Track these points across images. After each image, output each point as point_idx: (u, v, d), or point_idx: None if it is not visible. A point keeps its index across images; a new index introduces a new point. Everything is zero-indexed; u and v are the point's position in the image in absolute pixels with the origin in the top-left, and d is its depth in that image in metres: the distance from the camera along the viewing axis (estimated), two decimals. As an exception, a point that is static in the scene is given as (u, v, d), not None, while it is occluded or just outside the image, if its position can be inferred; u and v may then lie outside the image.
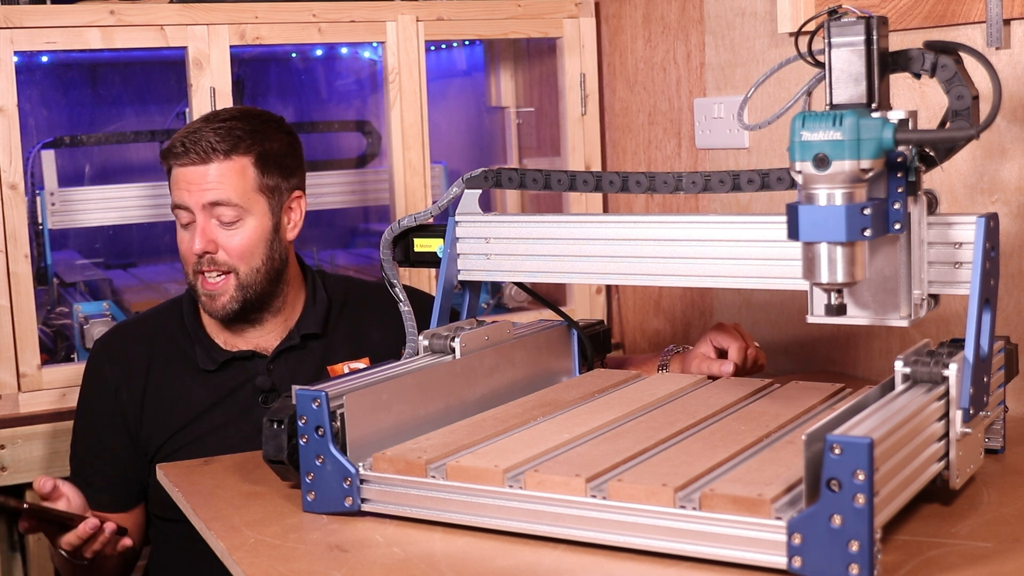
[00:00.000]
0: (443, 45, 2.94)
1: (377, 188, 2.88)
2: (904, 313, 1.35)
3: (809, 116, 1.23)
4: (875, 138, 1.22)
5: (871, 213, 1.23)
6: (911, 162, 1.30)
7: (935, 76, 1.33)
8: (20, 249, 2.19)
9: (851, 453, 1.03)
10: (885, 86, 1.31)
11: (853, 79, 1.29)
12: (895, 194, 1.30)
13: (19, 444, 2.18)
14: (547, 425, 1.42)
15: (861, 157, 1.22)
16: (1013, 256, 1.73)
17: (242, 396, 1.86)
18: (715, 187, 1.45)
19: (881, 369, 1.97)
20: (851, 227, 1.22)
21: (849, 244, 1.24)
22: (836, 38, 1.29)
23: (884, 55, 1.30)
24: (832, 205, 1.23)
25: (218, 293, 1.82)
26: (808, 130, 1.23)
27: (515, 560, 1.18)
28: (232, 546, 1.26)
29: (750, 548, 1.10)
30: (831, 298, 1.29)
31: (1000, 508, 1.27)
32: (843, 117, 1.22)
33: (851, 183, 1.23)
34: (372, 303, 1.98)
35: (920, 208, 1.34)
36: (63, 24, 2.21)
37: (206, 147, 1.80)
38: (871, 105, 1.29)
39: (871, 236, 1.23)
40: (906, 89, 1.87)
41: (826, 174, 1.22)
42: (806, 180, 1.24)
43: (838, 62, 1.29)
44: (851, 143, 1.22)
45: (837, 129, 1.22)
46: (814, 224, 1.24)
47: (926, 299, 1.36)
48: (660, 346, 2.53)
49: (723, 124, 2.26)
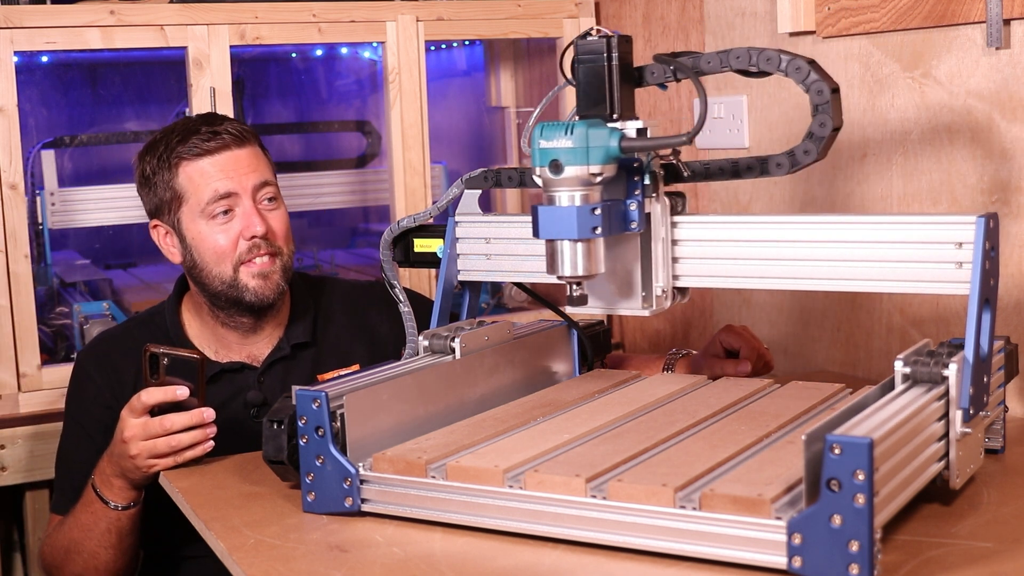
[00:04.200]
0: (443, 45, 2.94)
1: (377, 188, 2.88)
2: (641, 304, 1.50)
3: (546, 126, 1.37)
4: (603, 146, 1.37)
5: (601, 213, 1.38)
6: (647, 167, 1.45)
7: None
8: (20, 249, 2.19)
9: (851, 453, 1.03)
10: (628, 98, 1.44)
11: (596, 92, 1.42)
12: (632, 196, 1.45)
13: (19, 444, 2.18)
14: (547, 425, 1.42)
15: (590, 163, 1.36)
16: (1013, 256, 1.73)
17: (233, 410, 1.82)
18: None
19: (881, 369, 1.97)
20: (582, 226, 1.37)
21: (585, 241, 1.38)
22: (582, 55, 1.43)
23: (627, 70, 1.44)
24: (566, 206, 1.37)
25: (270, 272, 1.79)
26: (545, 139, 1.37)
27: (515, 560, 1.18)
28: (232, 546, 1.26)
29: (750, 548, 1.10)
30: (572, 290, 1.44)
31: (1000, 508, 1.27)
32: (574, 127, 1.36)
33: (584, 186, 1.37)
34: (362, 299, 1.97)
35: (662, 208, 1.48)
36: (63, 24, 2.21)
37: (236, 131, 1.79)
38: (613, 116, 1.42)
39: (602, 234, 1.38)
40: (906, 89, 1.88)
41: (561, 178, 1.37)
42: (545, 183, 1.38)
43: (584, 76, 1.43)
44: (581, 150, 1.36)
45: (569, 138, 1.36)
46: (551, 223, 1.38)
47: (670, 291, 1.51)
48: (660, 346, 2.53)
49: (723, 124, 2.26)
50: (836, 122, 1.37)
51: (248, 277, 1.79)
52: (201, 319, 1.87)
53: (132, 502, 1.68)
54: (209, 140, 1.78)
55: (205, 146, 1.78)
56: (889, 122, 1.92)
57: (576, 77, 1.44)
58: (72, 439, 1.85)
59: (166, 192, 1.81)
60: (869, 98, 1.95)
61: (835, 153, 2.02)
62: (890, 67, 1.91)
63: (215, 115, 1.87)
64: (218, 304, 1.83)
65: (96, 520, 1.70)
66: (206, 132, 1.78)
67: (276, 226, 1.81)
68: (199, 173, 1.78)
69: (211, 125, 1.80)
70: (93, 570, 1.75)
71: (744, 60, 1.42)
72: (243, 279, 1.79)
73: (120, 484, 1.66)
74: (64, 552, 1.76)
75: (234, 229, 1.78)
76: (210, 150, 1.78)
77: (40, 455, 2.18)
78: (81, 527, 1.72)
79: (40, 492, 2.26)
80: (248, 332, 1.86)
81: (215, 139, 1.78)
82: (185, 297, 1.90)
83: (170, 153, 1.79)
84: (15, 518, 2.40)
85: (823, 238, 1.42)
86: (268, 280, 1.79)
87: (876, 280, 1.39)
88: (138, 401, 1.58)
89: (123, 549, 1.74)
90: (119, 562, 1.75)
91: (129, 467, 1.61)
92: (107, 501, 1.68)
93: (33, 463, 2.19)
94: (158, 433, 1.57)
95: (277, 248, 1.80)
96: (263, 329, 1.87)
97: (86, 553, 1.73)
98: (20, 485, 2.24)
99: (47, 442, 2.14)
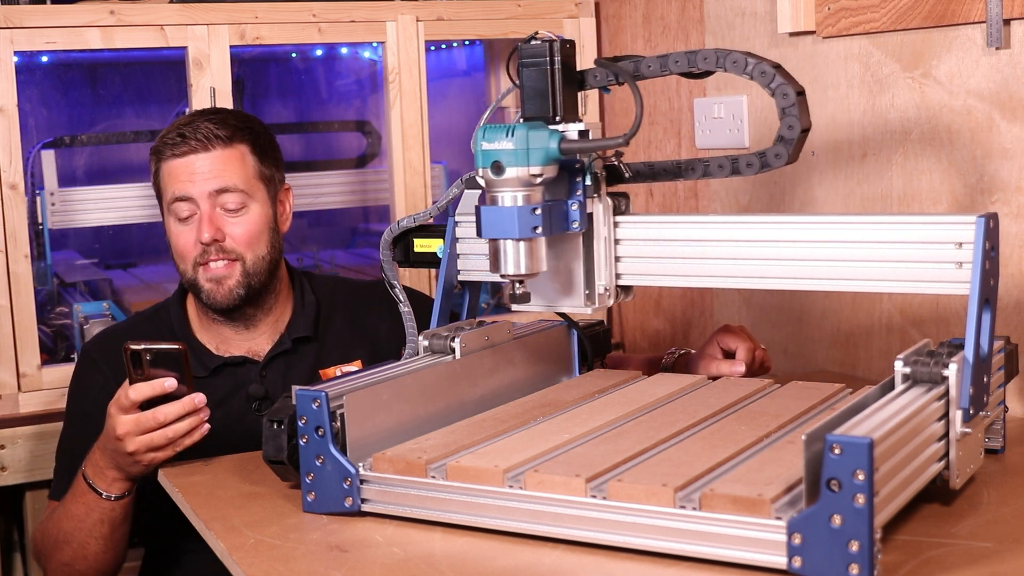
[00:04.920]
0: (443, 45, 2.94)
1: (377, 188, 2.88)
2: (584, 302, 1.54)
3: (488, 128, 1.40)
4: (543, 148, 1.39)
5: (542, 213, 1.41)
6: (589, 168, 1.48)
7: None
8: (20, 249, 2.19)
9: (851, 453, 1.03)
10: (571, 100, 1.47)
11: (540, 95, 1.45)
12: (573, 196, 1.48)
13: (19, 444, 2.18)
14: (547, 425, 1.42)
15: (531, 164, 1.39)
16: (1013, 256, 1.73)
17: (235, 404, 1.84)
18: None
19: (881, 369, 1.97)
20: (523, 225, 1.40)
21: (526, 240, 1.41)
22: (525, 59, 1.46)
23: (570, 73, 1.46)
24: (506, 206, 1.40)
25: (224, 276, 1.81)
26: (487, 140, 1.40)
27: (515, 560, 1.18)
28: (232, 546, 1.26)
29: (750, 548, 1.10)
30: (514, 287, 1.45)
31: (1000, 508, 1.27)
32: (515, 129, 1.38)
33: (525, 187, 1.40)
34: (364, 299, 1.97)
35: (605, 208, 1.51)
36: (63, 24, 2.21)
37: (207, 134, 1.80)
38: (555, 118, 1.45)
39: (543, 233, 1.41)
40: (906, 89, 1.88)
41: (502, 179, 1.39)
42: (487, 184, 1.41)
43: (527, 80, 1.46)
44: (522, 152, 1.38)
45: (510, 139, 1.38)
46: (493, 223, 1.41)
47: (613, 290, 1.54)
48: (660, 346, 2.53)
49: (723, 124, 2.26)
50: (804, 124, 1.40)
51: (203, 279, 1.82)
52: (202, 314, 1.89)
53: (125, 492, 1.68)
54: (176, 144, 1.81)
55: (172, 149, 1.81)
56: (889, 122, 1.92)
57: (520, 80, 1.47)
58: (77, 427, 1.86)
59: (156, 186, 1.87)
60: (869, 98, 1.95)
61: (835, 153, 2.02)
62: (890, 67, 1.91)
63: (202, 112, 1.89)
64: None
65: (88, 511, 1.69)
66: (175, 135, 1.81)
67: (238, 232, 1.81)
68: (168, 173, 1.83)
69: (187, 126, 1.82)
70: (82, 559, 1.74)
71: (683, 64, 1.46)
72: (200, 280, 1.82)
73: (114, 475, 1.66)
74: (54, 542, 1.76)
75: (192, 233, 1.82)
76: (176, 153, 1.81)
77: (40, 455, 2.18)
78: (73, 518, 1.71)
79: (40, 492, 2.26)
80: (240, 328, 1.88)
81: (182, 143, 1.80)
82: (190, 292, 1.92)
83: (156, 149, 1.85)
84: (15, 518, 2.40)
85: (823, 238, 1.42)
86: (221, 285, 1.81)
87: (876, 280, 1.39)
88: (126, 398, 1.57)
89: (114, 540, 1.73)
90: (108, 554, 1.74)
91: (127, 462, 1.61)
92: (100, 492, 1.67)
93: (33, 463, 2.19)
94: (152, 427, 1.56)
95: (237, 254, 1.82)
96: (257, 326, 1.89)
97: (76, 544, 1.72)
98: (20, 485, 2.24)
99: (47, 442, 2.14)
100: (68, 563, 1.75)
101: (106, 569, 1.77)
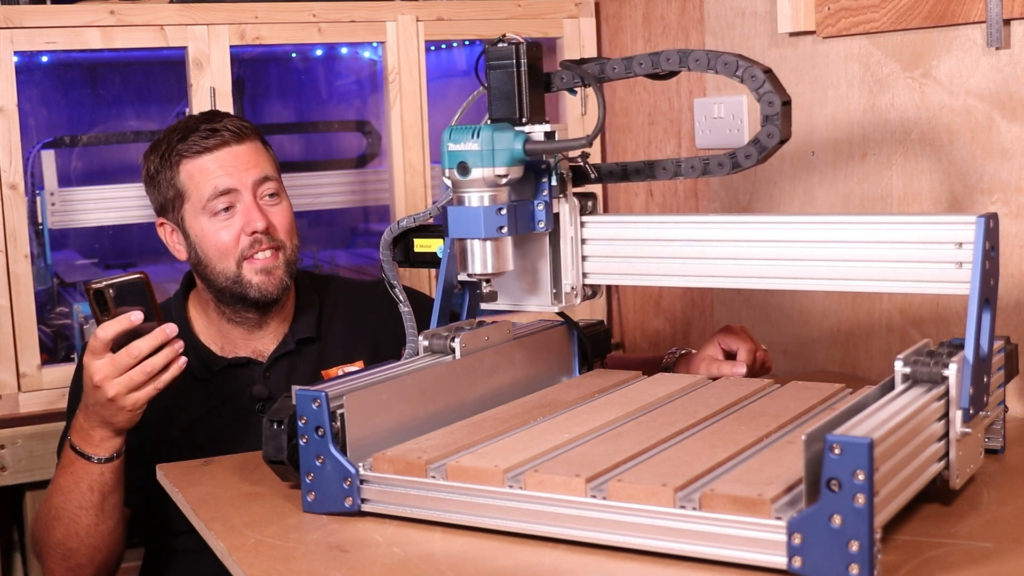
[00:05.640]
0: (443, 45, 2.94)
1: (377, 188, 2.88)
2: (551, 300, 1.56)
3: (455, 129, 1.42)
4: (508, 149, 1.41)
5: (508, 213, 1.43)
6: (555, 168, 1.50)
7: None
8: (20, 249, 2.19)
9: (851, 453, 1.03)
10: (537, 102, 1.49)
11: (506, 96, 1.47)
12: (539, 196, 1.51)
13: (19, 444, 2.18)
14: (547, 425, 1.42)
15: (496, 165, 1.41)
16: (1013, 256, 1.73)
17: (239, 405, 1.84)
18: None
19: (881, 369, 1.97)
20: (488, 225, 1.42)
21: (493, 240, 1.43)
22: (492, 61, 1.48)
23: (536, 75, 1.49)
24: (472, 206, 1.42)
25: (273, 267, 1.80)
26: (453, 142, 1.42)
27: (515, 560, 1.18)
28: (232, 546, 1.26)
29: (750, 548, 1.10)
30: (482, 286, 1.48)
31: (1000, 508, 1.27)
32: (480, 130, 1.40)
33: (491, 187, 1.42)
34: (365, 299, 1.97)
35: (571, 208, 1.53)
36: (63, 24, 2.21)
37: (237, 126, 1.81)
38: (522, 119, 1.47)
39: (508, 233, 1.43)
40: (906, 89, 1.88)
41: (468, 179, 1.42)
42: (454, 185, 1.43)
43: (495, 82, 1.48)
44: (487, 153, 1.40)
45: (475, 141, 1.40)
46: (460, 223, 1.43)
47: (579, 289, 1.56)
48: (660, 346, 2.53)
49: (723, 124, 2.26)
50: (784, 134, 1.41)
51: (251, 273, 1.80)
52: (207, 316, 1.88)
53: (115, 452, 1.64)
54: (208, 137, 1.79)
55: (204, 143, 1.79)
56: (889, 122, 1.92)
57: (488, 82, 1.48)
58: None
59: (169, 190, 1.82)
60: (869, 98, 1.95)
61: (835, 153, 2.02)
62: (890, 67, 1.91)
63: (216, 112, 1.89)
64: (223, 300, 1.84)
65: (77, 480, 1.65)
66: (205, 130, 1.80)
67: (278, 221, 1.82)
68: (199, 170, 1.80)
69: (210, 122, 1.82)
70: (74, 536, 1.69)
71: (647, 66, 1.48)
72: (246, 275, 1.80)
73: (101, 434, 1.62)
74: (45, 524, 1.72)
75: (236, 225, 1.79)
76: (209, 147, 1.79)
77: (40, 455, 2.18)
78: (62, 490, 1.67)
79: (40, 492, 2.26)
80: (253, 328, 1.87)
81: (214, 136, 1.79)
82: (192, 294, 1.91)
83: (171, 151, 1.81)
84: (15, 518, 2.40)
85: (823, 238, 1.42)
86: (271, 275, 1.80)
87: (876, 280, 1.39)
88: (96, 340, 1.54)
89: (105, 510, 1.68)
90: (101, 526, 1.69)
91: (110, 412, 1.58)
92: (90, 456, 1.64)
93: (33, 463, 2.19)
94: (129, 364, 1.54)
95: (280, 243, 1.82)
96: (268, 325, 1.88)
97: (67, 518, 1.68)
98: (20, 485, 2.24)
99: (47, 442, 2.14)
100: (61, 542, 1.70)
101: (100, 546, 1.72)
